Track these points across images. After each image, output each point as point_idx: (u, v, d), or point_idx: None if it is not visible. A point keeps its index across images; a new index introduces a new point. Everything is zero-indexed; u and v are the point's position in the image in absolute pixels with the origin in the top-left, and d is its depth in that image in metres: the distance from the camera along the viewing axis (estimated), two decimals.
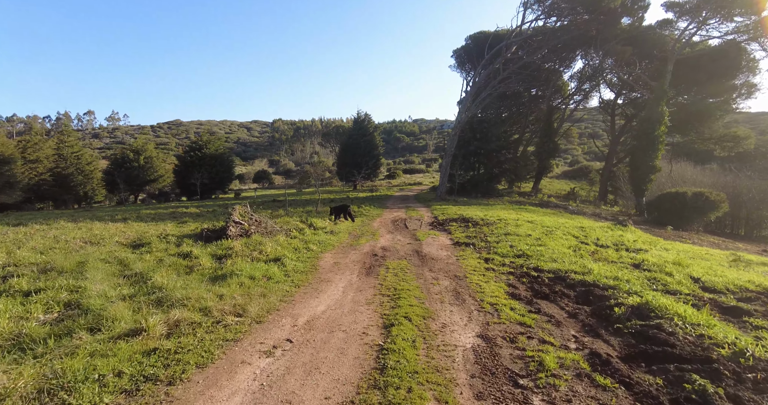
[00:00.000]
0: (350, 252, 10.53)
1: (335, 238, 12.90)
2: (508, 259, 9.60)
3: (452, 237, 13.24)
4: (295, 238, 12.23)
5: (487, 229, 14.80)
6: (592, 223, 20.64)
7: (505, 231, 14.05)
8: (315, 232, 14.07)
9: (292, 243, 11.11)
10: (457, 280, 7.65)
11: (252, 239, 11.50)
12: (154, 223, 16.87)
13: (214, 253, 9.92)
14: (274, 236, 12.04)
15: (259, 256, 9.38)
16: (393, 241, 12.49)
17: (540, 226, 16.16)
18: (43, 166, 38.70)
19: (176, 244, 11.41)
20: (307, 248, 10.41)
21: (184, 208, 24.42)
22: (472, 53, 40.45)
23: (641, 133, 29.71)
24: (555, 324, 5.39)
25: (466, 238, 12.91)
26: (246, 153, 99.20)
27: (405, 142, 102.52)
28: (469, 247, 11.32)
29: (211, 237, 12.14)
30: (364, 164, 44.17)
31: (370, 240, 12.55)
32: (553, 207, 28.34)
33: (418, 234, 13.84)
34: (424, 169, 68.56)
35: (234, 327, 4.91)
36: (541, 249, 10.62)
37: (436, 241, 12.25)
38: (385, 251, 10.62)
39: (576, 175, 55.28)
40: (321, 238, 12.22)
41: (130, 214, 21.22)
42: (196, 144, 42.11)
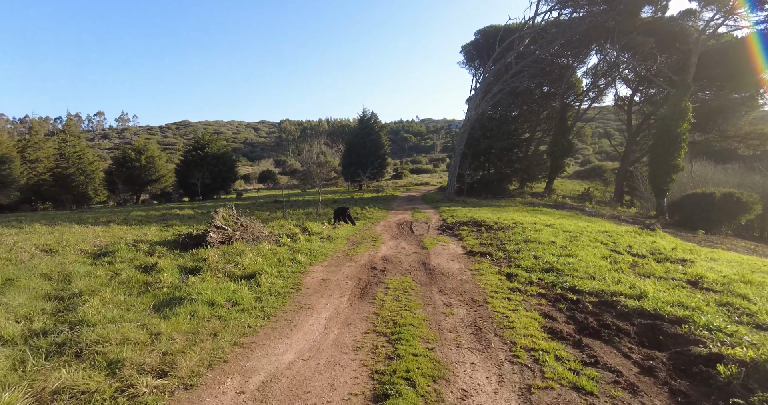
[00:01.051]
0: (345, 264, 8.79)
1: (330, 245, 11.18)
2: (535, 274, 7.79)
3: (464, 244, 11.44)
4: (284, 246, 10.53)
5: (503, 235, 12.99)
6: (615, 226, 18.69)
7: (524, 237, 12.23)
8: (309, 237, 12.37)
9: (278, 252, 9.40)
10: (476, 306, 5.88)
11: (233, 247, 9.83)
12: (137, 227, 15.31)
13: (184, 265, 8.25)
14: (260, 244, 10.35)
15: (234, 271, 7.69)
16: (396, 249, 10.74)
17: (561, 231, 14.31)
18: (43, 165, 37.57)
19: (147, 253, 9.78)
20: (293, 259, 8.69)
21: (178, 210, 22.90)
22: (481, 48, 38.55)
23: (662, 131, 27.59)
24: (628, 389, 3.60)
25: (480, 245, 11.12)
26: (253, 153, 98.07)
27: (412, 142, 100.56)
28: (485, 257, 9.52)
29: (188, 244, 10.50)
30: (369, 164, 42.47)
31: (370, 248, 10.81)
32: (568, 208, 26.38)
33: (425, 240, 12.07)
34: (432, 169, 66.63)
35: (143, 399, 3.20)
36: (571, 261, 8.79)
37: (445, 250, 10.47)
38: (386, 263, 8.87)
39: (588, 175, 53.05)
40: (313, 246, 10.50)
41: (119, 216, 19.72)
42: (198, 143, 40.73)
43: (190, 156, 39.49)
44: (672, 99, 27.85)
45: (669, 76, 28.22)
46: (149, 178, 40.51)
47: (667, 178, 27.69)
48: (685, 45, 28.00)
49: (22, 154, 36.43)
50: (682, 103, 26.81)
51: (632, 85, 36.34)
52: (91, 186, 40.19)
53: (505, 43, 28.04)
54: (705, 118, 31.58)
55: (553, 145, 33.58)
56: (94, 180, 40.46)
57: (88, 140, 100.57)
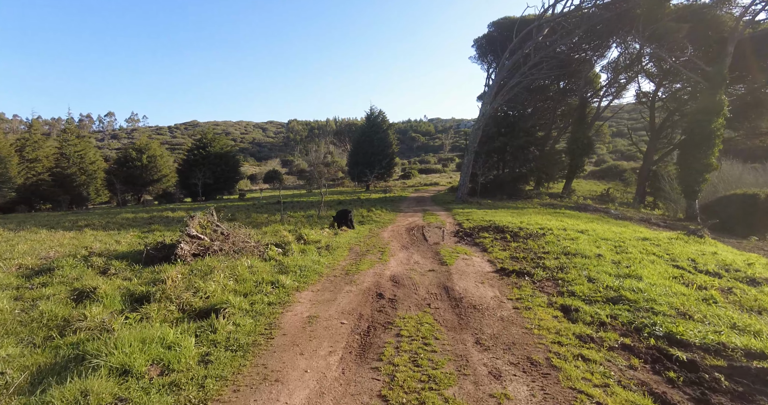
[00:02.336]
0: (342, 289, 6.65)
1: (328, 258, 9.06)
2: (601, 308, 5.58)
3: (491, 258, 9.24)
4: (270, 261, 8.44)
5: (535, 245, 10.77)
6: (652, 232, 16.33)
7: (561, 248, 10.00)
8: (304, 247, 10.28)
9: (258, 271, 7.30)
10: (541, 377, 3.71)
11: (205, 263, 7.75)
12: (114, 232, 13.36)
13: (133, 290, 6.18)
14: (239, 258, 8.26)
15: (192, 301, 5.60)
16: (408, 263, 8.58)
17: (599, 239, 12.06)
18: (42, 165, 36.05)
19: (99, 270, 7.75)
20: (275, 283, 6.57)
21: (171, 212, 20.98)
22: (495, 42, 36.15)
23: (694, 126, 25.06)
24: None
25: (511, 260, 8.91)
26: (261, 153, 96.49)
27: (420, 142, 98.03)
28: (523, 278, 7.32)
29: (155, 257, 8.46)
30: (377, 163, 40.33)
31: (376, 263, 8.66)
32: (592, 211, 23.98)
33: (441, 252, 9.89)
34: (441, 169, 64.24)
35: None
36: (639, 285, 6.55)
37: (470, 266, 8.29)
38: (396, 287, 6.73)
39: (604, 175, 50.34)
40: (306, 261, 8.37)
41: (104, 218, 17.84)
42: (200, 142, 38.89)
43: (192, 155, 37.67)
44: (705, 92, 25.32)
45: (701, 67, 25.62)
46: (151, 178, 38.82)
47: (699, 178, 25.15)
48: (720, 33, 25.43)
49: (20, 153, 34.96)
50: (716, 97, 24.27)
51: (656, 79, 33.70)
52: (92, 186, 38.65)
53: (522, 32, 25.72)
54: (737, 113, 28.93)
55: (572, 143, 31.11)
56: (95, 180, 38.91)
57: (98, 140, 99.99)
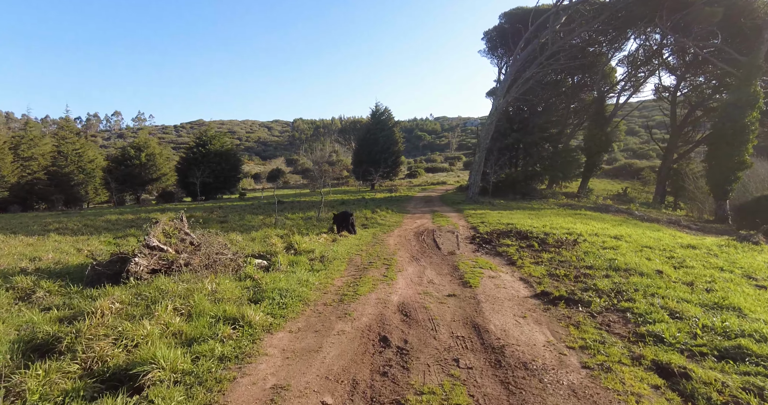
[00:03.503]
0: (332, 329, 4.73)
1: (321, 276, 7.17)
2: (725, 375, 3.64)
3: (523, 274, 7.30)
4: (245, 280, 6.57)
5: (571, 255, 8.81)
6: (693, 237, 14.28)
7: (606, 261, 8.04)
8: (294, 258, 8.40)
9: (224, 299, 5.41)
10: None
11: (157, 284, 5.88)
12: (84, 237, 11.59)
13: (35, 334, 4.32)
14: (207, 277, 6.39)
15: (109, 356, 3.73)
16: (420, 283, 6.67)
17: (640, 247, 10.10)
18: (38, 163, 34.55)
19: (21, 295, 5.93)
20: (238, 321, 4.66)
21: (160, 213, 19.23)
22: (506, 34, 34.01)
23: (725, 120, 22.83)
24: None
25: (549, 277, 6.97)
26: (266, 152, 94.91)
27: (426, 141, 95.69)
28: (574, 307, 5.38)
29: (102, 275, 6.63)
30: (382, 162, 38.42)
31: (380, 282, 6.76)
32: (614, 212, 21.85)
33: (460, 265, 7.97)
34: (448, 168, 62.09)
35: None
36: (754, 326, 4.59)
37: (500, 288, 6.36)
38: (406, 324, 4.82)
39: (617, 174, 48.07)
40: (291, 282, 6.47)
41: (81, 221, 16.10)
42: (200, 140, 37.18)
43: (192, 153, 35.97)
44: (738, 84, 23.09)
45: (733, 56, 23.36)
46: (150, 177, 37.22)
47: (731, 177, 22.92)
48: (753, 20, 23.19)
49: (15, 152, 33.49)
50: (749, 88, 22.04)
51: (677, 72, 31.42)
52: (91, 185, 37.09)
53: (538, 21, 23.64)
54: None
55: (589, 140, 28.97)
56: (94, 179, 37.35)
57: (104, 139, 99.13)
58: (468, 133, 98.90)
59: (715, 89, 29.91)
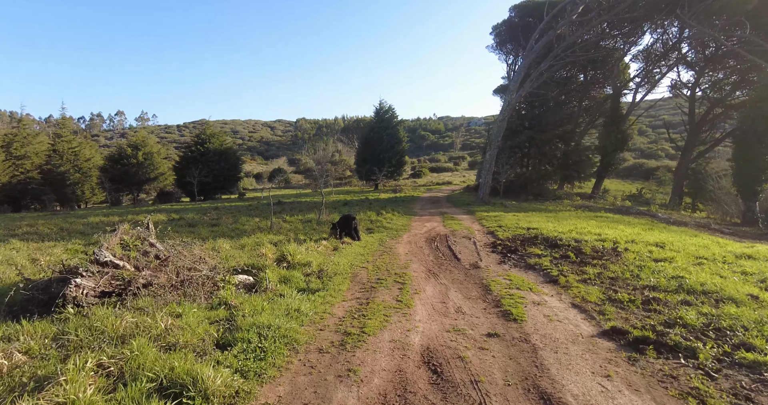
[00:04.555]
0: (330, 399, 3.16)
1: (315, 302, 5.56)
2: None
3: (573, 298, 5.68)
4: (218, 309, 5.00)
5: (622, 270, 7.19)
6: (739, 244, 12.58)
7: (671, 278, 6.43)
8: (286, 274, 6.81)
9: (177, 348, 3.82)
10: None
11: (100, 317, 4.29)
12: (51, 244, 10.04)
13: None
14: (170, 303, 4.82)
15: None
16: (446, 315, 5.06)
17: (693, 257, 8.48)
18: (31, 162, 33.10)
19: None
20: (189, 387, 3.08)
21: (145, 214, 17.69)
22: (516, 29, 32.34)
23: (755, 116, 21.07)
24: None
25: (610, 304, 5.34)
26: (269, 152, 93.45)
27: (430, 140, 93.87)
28: (667, 355, 3.76)
29: (32, 302, 5.07)
30: (386, 161, 36.81)
31: (392, 312, 5.14)
32: (636, 214, 20.14)
33: (492, 286, 6.34)
34: (452, 168, 60.35)
35: None
36: None
37: (554, 322, 4.74)
38: (438, 389, 3.22)
39: (628, 174, 46.32)
40: (278, 313, 4.86)
41: (61, 223, 14.56)
42: (199, 138, 35.64)
43: (190, 152, 34.45)
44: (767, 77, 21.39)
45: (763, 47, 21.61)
46: (147, 176, 35.70)
47: (762, 176, 21.17)
48: None
49: (7, 150, 32.04)
50: None
51: (695, 67, 29.66)
52: (87, 185, 35.63)
53: (554, 10, 21.97)
54: None
55: (605, 138, 27.25)
56: (90, 179, 35.88)
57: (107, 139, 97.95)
58: (472, 133, 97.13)
59: (735, 85, 28.14)
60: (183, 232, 12.67)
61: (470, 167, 61.57)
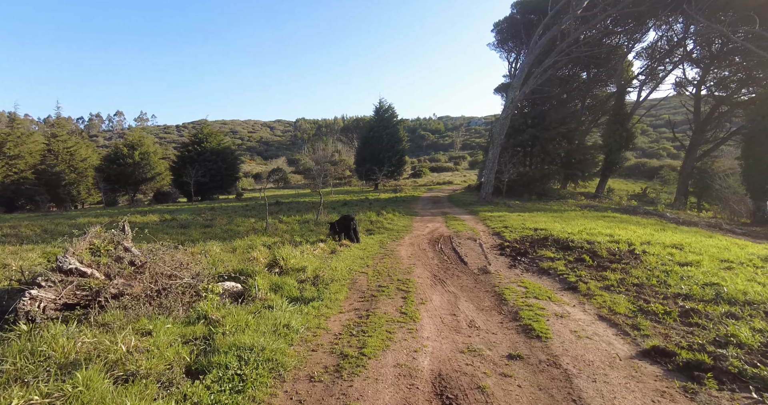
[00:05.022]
0: None
1: (308, 315, 4.88)
2: None
3: (600, 310, 5.00)
4: (196, 324, 4.32)
5: (646, 275, 6.53)
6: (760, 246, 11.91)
7: (705, 286, 5.76)
8: (278, 280, 6.14)
9: (138, 378, 3.15)
10: None
11: (53, 335, 3.61)
12: (28, 247, 9.35)
13: None
14: (141, 318, 4.15)
15: None
16: (458, 331, 4.38)
17: (718, 260, 7.82)
18: (25, 162, 32.40)
19: None
20: None
21: (140, 216, 17.02)
22: (517, 26, 31.66)
23: (765, 114, 20.45)
24: None
25: (643, 317, 4.67)
26: (268, 152, 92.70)
27: (430, 140, 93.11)
28: (732, 386, 3.11)
29: None
30: (386, 160, 36.11)
31: (396, 327, 4.47)
32: (643, 214, 19.44)
33: (506, 294, 5.67)
34: (453, 167, 59.65)
35: None
36: None
37: (583, 339, 4.06)
38: None
39: (630, 173, 45.64)
40: (264, 329, 4.19)
41: (45, 224, 13.88)
42: (196, 138, 34.92)
43: (186, 151, 33.73)
44: None
45: None
46: (143, 176, 35.00)
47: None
48: None
49: (1, 150, 31.35)
50: None
51: (701, 65, 29.01)
52: (83, 185, 34.90)
53: (558, 5, 21.32)
54: None
55: (609, 136, 26.58)
56: (86, 178, 35.16)
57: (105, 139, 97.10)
58: (472, 133, 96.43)
59: (742, 83, 27.50)
60: (173, 234, 12.00)
61: (471, 167, 60.89)
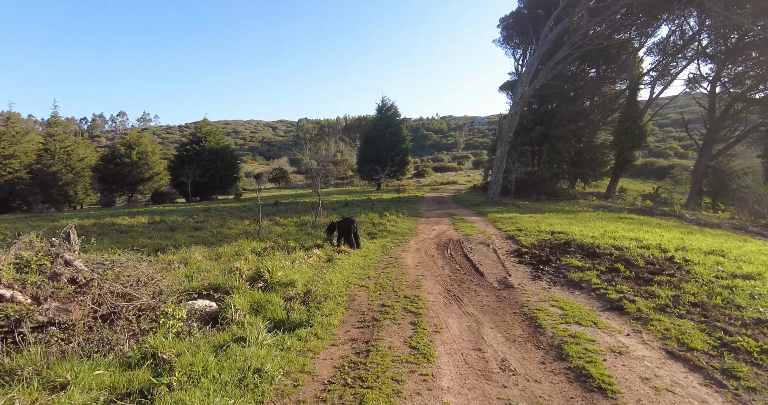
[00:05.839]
0: None
1: (292, 351, 3.76)
2: None
3: (667, 343, 3.87)
4: (136, 369, 3.19)
5: (708, 293, 5.38)
6: None
7: None
8: (263, 298, 5.03)
9: None
10: None
11: None
12: None
13: None
14: (69, 359, 3.06)
15: None
16: (489, 379, 3.26)
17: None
18: (20, 162, 31.42)
19: None
20: None
21: (129, 218, 15.98)
22: (525, 21, 30.43)
23: None
24: None
25: (732, 357, 3.55)
26: (270, 152, 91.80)
27: (433, 140, 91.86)
28: None
29: None
30: (389, 160, 34.98)
31: (405, 373, 3.35)
32: (660, 215, 18.21)
33: (540, 318, 4.54)
34: (456, 167, 58.44)
35: None
36: None
37: (662, 392, 2.95)
38: None
39: (638, 173, 44.35)
40: (229, 376, 3.09)
41: (19, 226, 12.83)
42: (194, 137, 33.90)
43: (185, 151, 32.72)
44: None
45: None
46: (141, 176, 33.99)
47: None
48: None
49: None
50: None
51: (716, 60, 27.74)
52: (80, 185, 33.92)
53: None
54: None
55: (621, 133, 25.34)
56: (84, 179, 34.18)
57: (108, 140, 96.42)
58: (475, 133, 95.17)
59: (759, 79, 26.25)
60: (157, 238, 10.92)
61: (474, 167, 59.69)
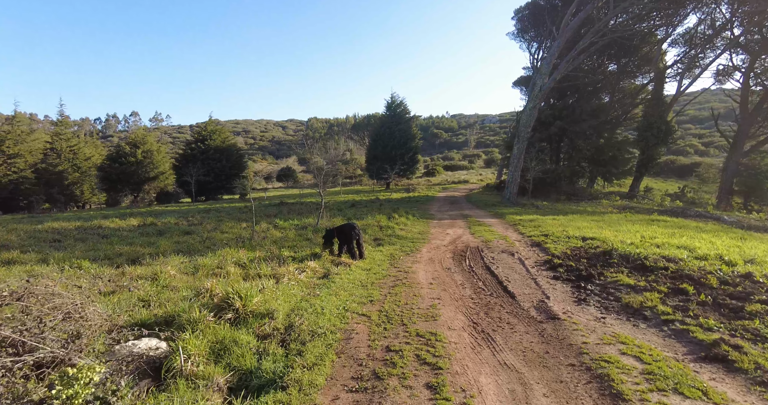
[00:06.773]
0: None
1: None
2: None
3: None
4: None
5: None
6: None
7: None
8: (230, 336, 3.71)
9: None
10: None
11: None
12: None
13: None
14: None
15: None
16: None
17: None
18: (25, 161, 30.81)
19: None
20: None
21: (119, 219, 14.87)
22: (541, 12, 28.65)
23: None
24: None
25: None
26: (280, 151, 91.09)
27: (443, 138, 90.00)
28: None
29: None
30: (398, 158, 33.57)
31: None
32: (695, 217, 16.46)
33: (613, 376, 3.13)
34: (467, 166, 56.71)
35: None
36: None
37: None
38: None
39: (659, 171, 41.99)
40: None
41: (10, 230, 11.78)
42: (199, 135, 32.93)
43: (189, 149, 31.78)
44: None
45: None
46: (147, 175, 33.16)
47: None
48: None
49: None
50: None
51: (749, 51, 25.69)
52: (87, 184, 33.27)
53: None
54: None
55: (646, 129, 23.51)
56: (90, 178, 33.53)
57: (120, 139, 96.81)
58: (486, 131, 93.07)
59: None
60: (138, 244, 9.69)
61: (486, 165, 57.90)
